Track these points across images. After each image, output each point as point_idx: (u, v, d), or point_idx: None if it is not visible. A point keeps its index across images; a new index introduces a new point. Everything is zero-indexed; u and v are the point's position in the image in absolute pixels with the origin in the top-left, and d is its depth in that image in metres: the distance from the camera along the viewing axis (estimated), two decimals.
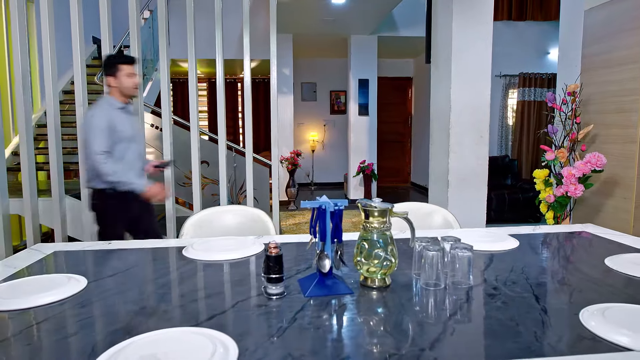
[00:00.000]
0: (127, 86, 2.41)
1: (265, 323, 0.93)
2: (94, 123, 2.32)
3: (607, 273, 1.23)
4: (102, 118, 2.34)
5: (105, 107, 2.39)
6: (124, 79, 2.39)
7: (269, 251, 1.08)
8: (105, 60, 2.44)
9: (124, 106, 2.45)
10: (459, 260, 1.15)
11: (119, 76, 2.39)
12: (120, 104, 2.43)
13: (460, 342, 0.84)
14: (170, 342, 0.82)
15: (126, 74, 2.39)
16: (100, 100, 2.43)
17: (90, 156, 2.32)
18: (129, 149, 2.44)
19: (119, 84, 2.40)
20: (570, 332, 0.87)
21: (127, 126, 2.44)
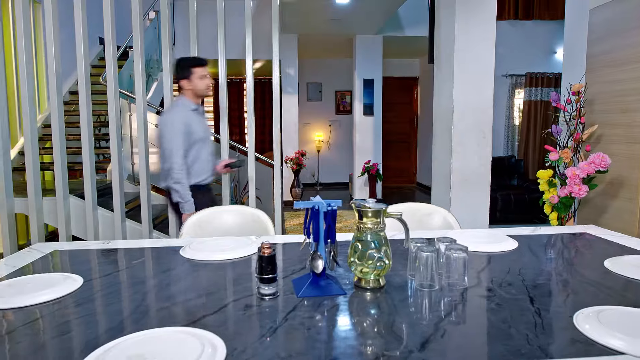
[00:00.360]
0: (201, 88, 2.45)
1: (256, 323, 0.93)
2: (174, 126, 2.36)
3: (605, 275, 1.21)
4: (181, 122, 2.37)
5: (181, 110, 2.42)
6: (197, 81, 2.43)
7: (262, 251, 1.08)
8: (178, 63, 2.46)
9: (197, 107, 2.49)
10: (454, 261, 1.14)
11: (192, 79, 2.42)
12: (194, 106, 2.47)
13: (451, 344, 0.83)
14: (159, 342, 0.82)
15: (199, 76, 2.43)
16: (176, 103, 2.48)
17: (169, 159, 2.37)
18: (203, 149, 2.49)
19: (192, 87, 2.44)
20: (562, 335, 0.86)
21: (201, 127, 2.49)
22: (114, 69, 2.86)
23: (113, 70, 2.86)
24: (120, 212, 3.00)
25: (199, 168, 2.49)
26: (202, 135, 2.48)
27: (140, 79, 2.90)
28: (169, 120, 2.41)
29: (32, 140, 2.85)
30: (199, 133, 2.46)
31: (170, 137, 2.37)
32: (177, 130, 2.37)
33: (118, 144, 2.94)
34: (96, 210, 3.01)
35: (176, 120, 2.39)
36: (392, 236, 1.64)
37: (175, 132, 2.37)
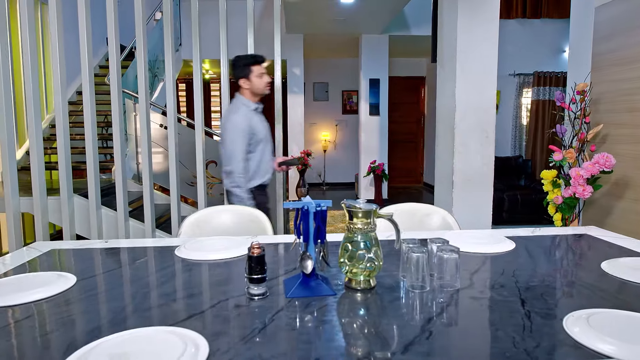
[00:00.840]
0: (260, 87, 2.41)
1: (242, 323, 0.93)
2: (238, 128, 2.33)
3: (601, 277, 1.19)
4: (244, 124, 2.34)
5: (244, 111, 2.39)
6: (255, 79, 2.39)
7: (251, 252, 1.08)
8: (235, 62, 2.42)
9: (256, 106, 2.46)
10: (446, 262, 1.13)
11: (251, 77, 2.38)
12: (253, 105, 2.44)
13: (435, 347, 0.82)
14: (143, 341, 0.82)
15: (257, 74, 2.39)
16: (237, 104, 2.43)
17: (231, 162, 2.35)
18: (266, 149, 2.48)
19: (250, 86, 2.39)
20: (550, 339, 0.84)
21: (263, 127, 2.46)
22: (117, 69, 2.89)
23: (117, 70, 2.88)
24: (124, 212, 3.02)
25: (264, 168, 2.48)
26: (264, 135, 2.46)
27: (143, 78, 2.92)
28: (232, 122, 2.36)
29: (37, 140, 2.88)
30: (262, 133, 2.44)
31: (233, 139, 2.33)
32: (240, 132, 2.33)
33: (121, 144, 2.96)
34: (100, 209, 3.04)
35: (239, 122, 2.34)
36: (388, 236, 1.63)
37: (238, 134, 2.32)
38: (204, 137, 3.07)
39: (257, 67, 2.40)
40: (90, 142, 2.92)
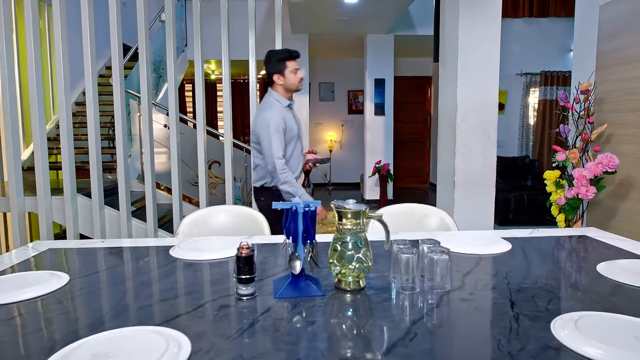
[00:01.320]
0: (293, 82, 2.37)
1: (228, 324, 0.93)
2: (272, 125, 2.29)
3: (596, 279, 1.17)
4: (280, 120, 2.32)
5: (277, 108, 2.36)
6: (289, 75, 2.34)
7: (240, 252, 1.08)
8: (269, 57, 2.38)
9: (289, 103, 2.44)
10: (436, 263, 1.12)
11: (285, 73, 2.34)
12: (286, 101, 2.42)
13: (417, 349, 0.81)
14: (126, 341, 0.83)
15: (292, 70, 2.34)
16: (270, 101, 2.40)
17: (270, 160, 2.31)
18: (297, 146, 2.46)
19: (284, 82, 2.36)
20: (536, 341, 0.83)
21: (295, 123, 2.45)
22: (120, 70, 2.91)
23: (119, 70, 2.91)
24: (126, 211, 3.05)
25: (293, 165, 2.45)
26: (296, 133, 2.44)
27: (146, 79, 2.94)
28: (266, 121, 2.32)
29: (41, 140, 2.91)
30: (294, 130, 2.42)
31: (268, 136, 2.30)
32: (274, 129, 2.29)
33: (124, 144, 2.99)
34: (103, 209, 3.06)
35: (274, 119, 2.31)
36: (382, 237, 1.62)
37: (273, 131, 2.29)
38: (205, 137, 3.08)
39: (292, 62, 2.35)
40: (94, 142, 2.95)
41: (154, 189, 3.07)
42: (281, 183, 2.33)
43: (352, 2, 5.03)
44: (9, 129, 2.86)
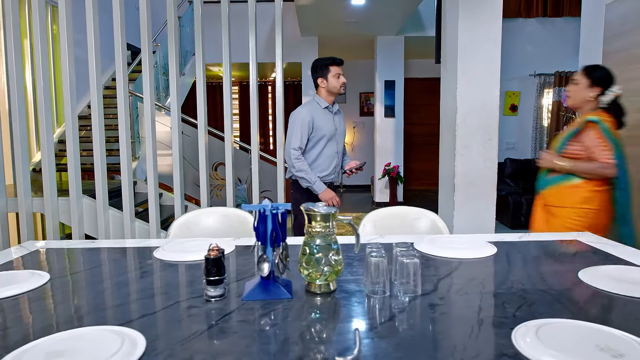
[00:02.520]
0: (335, 86, 2.58)
1: (189, 325, 0.94)
2: (296, 120, 2.54)
3: (574, 286, 1.14)
4: (306, 115, 2.53)
5: (310, 106, 2.60)
6: (332, 79, 2.57)
7: (208, 253, 1.08)
8: (315, 64, 2.63)
9: (327, 105, 2.63)
10: (406, 267, 1.11)
11: (328, 77, 2.57)
12: (325, 104, 2.63)
13: (369, 354, 0.80)
14: (82, 340, 0.84)
15: (334, 74, 2.57)
16: (308, 101, 2.68)
17: (288, 148, 2.57)
18: (327, 146, 2.62)
19: (327, 85, 2.59)
20: (492, 349, 0.81)
21: (329, 124, 2.61)
22: (123, 71, 2.96)
23: (122, 72, 2.96)
24: (130, 213, 3.10)
25: (322, 164, 2.63)
26: (327, 133, 2.59)
27: (148, 80, 2.99)
28: (294, 115, 2.58)
29: (48, 143, 2.99)
30: (325, 130, 2.58)
31: (292, 128, 2.55)
32: (298, 123, 2.52)
33: (127, 146, 3.04)
34: (107, 210, 3.12)
35: (300, 114, 2.54)
36: (371, 240, 1.61)
37: (296, 125, 2.52)
38: (206, 139, 3.11)
39: (335, 67, 2.57)
40: (98, 145, 3.01)
41: (156, 191, 3.12)
42: (296, 171, 2.56)
43: (360, 4, 5.02)
44: (17, 132, 2.94)
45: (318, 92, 2.65)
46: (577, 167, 2.06)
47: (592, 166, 2.03)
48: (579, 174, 2.07)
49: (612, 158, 2.00)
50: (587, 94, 2.12)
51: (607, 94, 2.10)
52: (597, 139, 2.03)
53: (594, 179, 2.05)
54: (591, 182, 2.05)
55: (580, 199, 2.06)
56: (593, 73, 2.12)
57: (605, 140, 2.02)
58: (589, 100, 2.13)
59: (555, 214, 2.14)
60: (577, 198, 2.06)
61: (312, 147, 2.59)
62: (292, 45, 6.74)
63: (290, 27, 6.67)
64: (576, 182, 2.07)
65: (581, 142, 2.08)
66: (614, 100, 2.12)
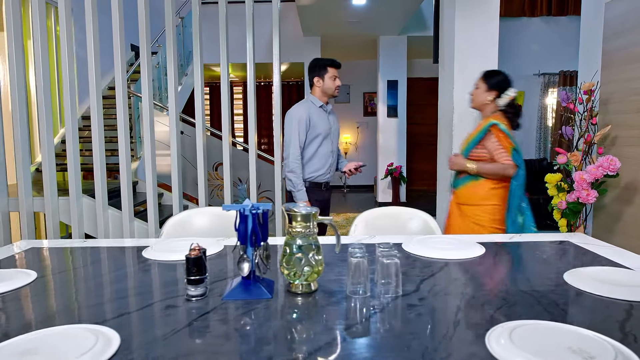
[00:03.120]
0: (330, 87, 2.61)
1: (165, 324, 0.94)
2: (293, 118, 2.55)
3: (557, 287, 1.13)
4: (303, 113, 2.56)
5: (306, 105, 2.62)
6: (328, 80, 2.60)
7: (189, 253, 1.09)
8: (314, 63, 2.65)
9: (322, 105, 2.65)
10: (387, 267, 1.10)
11: (325, 77, 2.59)
12: (320, 103, 2.64)
13: (339, 354, 0.80)
14: (56, 338, 0.85)
15: (331, 76, 2.60)
16: (304, 99, 2.70)
17: (287, 148, 2.57)
18: (322, 145, 2.63)
19: (322, 85, 2.61)
20: (464, 351, 0.81)
21: (324, 123, 2.63)
22: (122, 73, 2.99)
23: (122, 73, 2.98)
24: (129, 212, 3.12)
25: (318, 163, 2.64)
26: (323, 131, 2.60)
27: (147, 80, 3.01)
28: (290, 114, 2.60)
29: (49, 143, 3.02)
30: (321, 129, 2.60)
31: (289, 128, 2.56)
32: (295, 122, 2.53)
33: (126, 146, 3.06)
34: (106, 210, 3.15)
35: (297, 113, 2.55)
36: (361, 240, 1.60)
37: (293, 124, 2.53)
38: (204, 138, 3.13)
39: (333, 69, 2.60)
40: (97, 145, 3.04)
41: (154, 190, 3.13)
42: (288, 170, 2.55)
43: (361, 4, 5.02)
44: (18, 133, 2.97)
45: (313, 91, 2.67)
46: (482, 169, 2.26)
47: (495, 167, 2.23)
48: (484, 174, 2.26)
49: (510, 159, 2.21)
50: (486, 97, 2.33)
51: (503, 97, 2.30)
52: (497, 142, 2.23)
53: (496, 178, 2.25)
54: (493, 181, 2.26)
55: (485, 196, 2.27)
56: (490, 78, 2.33)
57: (505, 142, 2.22)
58: (488, 103, 2.33)
59: (465, 211, 2.34)
60: (483, 196, 2.27)
61: (308, 145, 2.60)
62: (295, 45, 6.75)
63: (293, 27, 6.69)
64: (481, 181, 2.28)
65: (484, 145, 2.28)
66: (510, 102, 2.32)
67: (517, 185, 2.28)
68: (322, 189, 2.67)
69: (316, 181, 2.65)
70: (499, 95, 2.31)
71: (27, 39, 4.48)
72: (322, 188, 2.67)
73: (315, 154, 2.61)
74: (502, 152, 2.22)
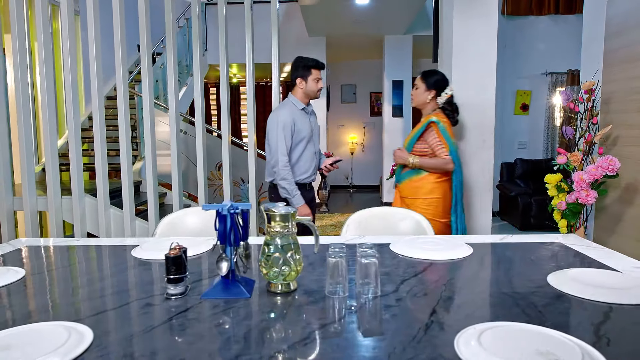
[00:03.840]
0: (312, 89, 2.54)
1: (142, 322, 0.95)
2: (278, 122, 2.47)
3: (539, 289, 1.11)
4: (287, 118, 2.48)
5: (289, 108, 2.54)
6: (311, 82, 2.53)
7: (169, 252, 1.10)
8: (297, 62, 2.56)
9: (304, 107, 2.59)
10: (365, 267, 1.10)
11: (308, 79, 2.52)
12: (302, 105, 2.57)
13: (306, 354, 0.80)
14: (30, 335, 0.86)
15: (314, 78, 2.53)
16: (285, 102, 2.61)
17: (275, 155, 2.49)
18: (306, 148, 2.59)
19: (305, 87, 2.53)
20: (431, 352, 0.80)
21: (307, 126, 2.57)
22: (123, 74, 3.02)
23: (122, 75, 3.02)
24: (130, 211, 3.15)
25: (304, 166, 2.59)
26: (306, 134, 2.56)
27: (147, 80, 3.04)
28: (275, 118, 2.50)
29: (52, 143, 3.06)
30: (304, 132, 2.55)
31: (275, 134, 2.47)
32: (281, 129, 2.46)
33: (127, 146, 3.09)
34: (108, 209, 3.18)
35: (282, 118, 2.47)
36: (350, 240, 1.60)
37: (279, 129, 2.46)
38: (204, 137, 3.15)
39: (317, 71, 2.53)
40: (99, 146, 3.07)
41: (155, 190, 3.17)
42: (280, 178, 2.50)
43: (364, 4, 5.01)
44: (22, 133, 3.02)
45: (294, 91, 2.57)
46: (424, 163, 2.40)
47: (436, 162, 2.38)
48: (426, 168, 2.41)
49: (448, 155, 2.36)
50: (426, 97, 2.47)
51: (442, 95, 2.46)
52: (437, 138, 2.38)
53: (437, 172, 2.40)
54: (435, 175, 2.41)
55: (426, 190, 2.42)
56: (428, 78, 2.47)
57: (443, 139, 2.36)
58: (428, 102, 2.48)
59: (409, 204, 2.45)
60: (425, 189, 2.42)
61: (294, 149, 2.54)
62: (300, 46, 6.76)
63: (299, 27, 6.69)
64: (424, 175, 2.42)
65: (425, 140, 2.42)
66: (449, 100, 2.47)
67: (459, 181, 2.43)
68: (306, 188, 2.65)
69: (302, 182, 2.62)
70: (438, 94, 2.45)
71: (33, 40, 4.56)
72: (306, 188, 2.65)
73: (300, 157, 2.57)
74: (441, 148, 2.36)
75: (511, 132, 6.58)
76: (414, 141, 2.47)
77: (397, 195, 2.58)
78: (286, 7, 6.69)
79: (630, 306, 0.99)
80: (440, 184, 2.42)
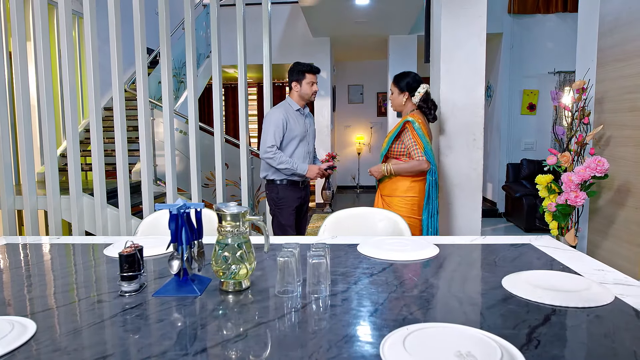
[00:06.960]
0: (307, 93, 2.69)
1: (86, 318, 0.98)
2: (271, 120, 2.64)
3: (489, 291, 1.11)
4: (279, 116, 2.64)
5: (283, 108, 2.70)
6: (306, 85, 2.68)
7: (123, 251, 1.13)
8: (293, 67, 2.72)
9: (299, 108, 2.73)
10: (313, 267, 1.11)
11: (303, 83, 2.68)
12: (297, 106, 2.73)
13: (231, 352, 0.82)
14: None
15: (309, 81, 2.68)
16: (282, 102, 2.77)
17: (263, 147, 2.64)
18: (299, 146, 2.71)
19: (299, 90, 2.69)
20: (353, 353, 0.81)
21: (300, 126, 2.71)
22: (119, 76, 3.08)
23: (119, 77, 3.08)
24: (126, 211, 3.21)
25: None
26: (299, 133, 2.69)
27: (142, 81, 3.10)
28: (268, 116, 2.68)
29: (51, 145, 3.14)
30: (297, 131, 2.68)
31: (266, 129, 2.64)
32: (272, 122, 2.62)
33: (123, 148, 3.15)
34: (105, 208, 3.25)
35: (275, 116, 2.64)
36: (325, 241, 1.61)
37: (271, 126, 2.61)
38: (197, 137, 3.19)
39: (311, 75, 2.67)
40: (96, 146, 3.14)
41: (150, 190, 3.22)
42: (277, 163, 2.61)
43: (364, 4, 5.00)
44: (22, 133, 3.11)
45: (291, 94, 2.74)
46: (399, 170, 2.48)
47: (411, 165, 2.45)
48: (402, 174, 2.49)
49: (422, 155, 2.42)
50: (400, 100, 2.57)
51: (416, 95, 2.52)
52: (412, 138, 2.44)
53: (413, 174, 2.47)
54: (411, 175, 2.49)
55: (404, 189, 2.50)
56: (399, 82, 2.57)
57: (418, 138, 2.43)
58: (404, 104, 2.56)
59: (388, 202, 2.56)
60: (402, 188, 2.50)
61: (286, 147, 2.67)
62: (305, 46, 6.79)
63: (303, 28, 6.72)
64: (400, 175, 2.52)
65: (402, 141, 2.49)
66: (424, 98, 2.52)
67: (433, 180, 2.49)
68: (299, 186, 2.74)
69: (294, 180, 2.71)
70: (412, 94, 2.53)
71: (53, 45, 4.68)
72: (299, 186, 2.74)
73: (293, 155, 2.69)
74: (416, 149, 2.42)
75: (517, 132, 6.49)
76: (390, 142, 2.54)
77: (378, 193, 2.66)
78: (290, 8, 6.72)
79: (574, 309, 0.98)
80: (417, 182, 2.49)
